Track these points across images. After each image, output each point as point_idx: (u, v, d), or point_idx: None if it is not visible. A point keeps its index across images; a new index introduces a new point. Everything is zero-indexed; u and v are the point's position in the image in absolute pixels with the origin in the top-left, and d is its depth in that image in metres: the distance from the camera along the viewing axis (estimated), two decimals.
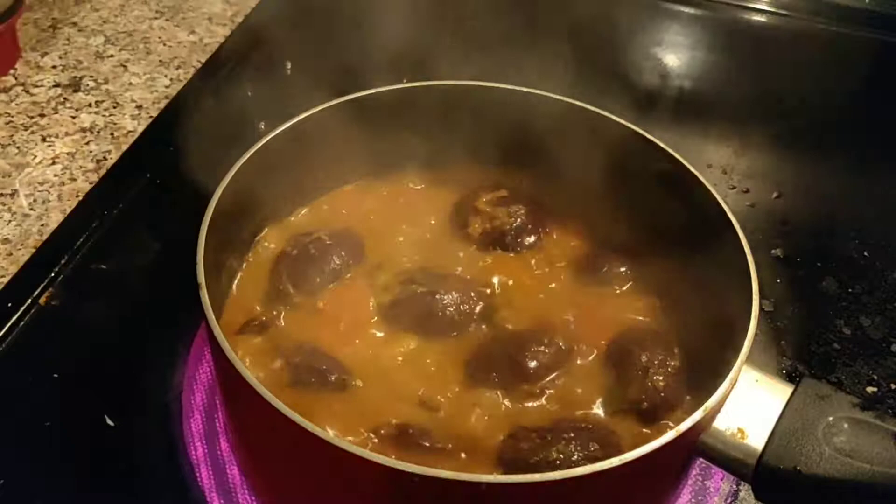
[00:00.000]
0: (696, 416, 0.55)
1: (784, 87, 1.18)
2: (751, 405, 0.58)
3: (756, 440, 0.57)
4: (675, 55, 1.23)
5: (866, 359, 0.85)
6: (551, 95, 0.76)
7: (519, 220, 0.76)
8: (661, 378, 0.64)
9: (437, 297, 0.68)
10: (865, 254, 0.96)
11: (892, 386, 0.83)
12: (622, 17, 1.28)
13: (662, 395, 0.64)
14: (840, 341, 0.87)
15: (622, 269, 0.73)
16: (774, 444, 0.57)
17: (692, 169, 0.70)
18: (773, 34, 1.28)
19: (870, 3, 1.29)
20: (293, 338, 0.67)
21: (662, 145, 0.72)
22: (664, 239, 0.74)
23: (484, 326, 0.69)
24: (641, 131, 0.73)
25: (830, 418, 0.57)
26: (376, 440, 0.61)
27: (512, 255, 0.75)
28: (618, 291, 0.73)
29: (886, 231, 0.99)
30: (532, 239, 0.76)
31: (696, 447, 0.58)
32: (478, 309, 0.69)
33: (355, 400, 0.64)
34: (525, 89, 0.76)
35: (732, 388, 0.58)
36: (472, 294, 0.70)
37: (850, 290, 0.92)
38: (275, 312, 0.69)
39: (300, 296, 0.70)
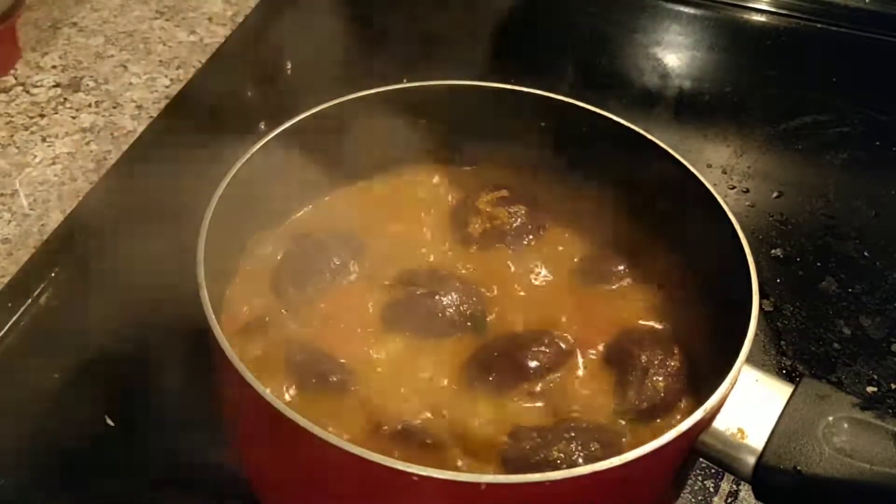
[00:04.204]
0: (696, 416, 0.55)
1: (784, 87, 1.18)
2: (751, 405, 0.58)
3: (756, 440, 0.57)
4: (675, 55, 1.23)
5: (866, 359, 0.85)
6: (552, 95, 0.76)
7: (519, 220, 0.76)
8: (660, 378, 0.64)
9: (438, 297, 0.68)
10: (865, 254, 0.96)
11: (892, 386, 0.83)
12: (622, 17, 1.29)
13: (662, 395, 0.64)
14: (840, 341, 0.87)
15: (622, 269, 0.73)
16: (774, 444, 0.57)
17: (692, 169, 0.70)
18: (773, 34, 1.28)
19: (870, 3, 1.29)
20: (293, 338, 0.67)
21: (662, 145, 0.72)
22: (664, 239, 0.74)
23: (484, 327, 0.69)
24: (641, 131, 0.73)
25: (830, 418, 0.57)
26: (377, 440, 0.61)
27: (512, 255, 0.75)
28: (618, 291, 0.73)
29: (886, 231, 0.99)
30: (532, 239, 0.76)
31: (696, 447, 0.58)
32: (478, 309, 0.69)
33: (356, 400, 0.63)
34: (525, 89, 0.76)
35: (732, 388, 0.58)
36: (473, 294, 0.70)
37: (850, 290, 0.92)
38: (275, 313, 0.69)
39: (300, 296, 0.70)
